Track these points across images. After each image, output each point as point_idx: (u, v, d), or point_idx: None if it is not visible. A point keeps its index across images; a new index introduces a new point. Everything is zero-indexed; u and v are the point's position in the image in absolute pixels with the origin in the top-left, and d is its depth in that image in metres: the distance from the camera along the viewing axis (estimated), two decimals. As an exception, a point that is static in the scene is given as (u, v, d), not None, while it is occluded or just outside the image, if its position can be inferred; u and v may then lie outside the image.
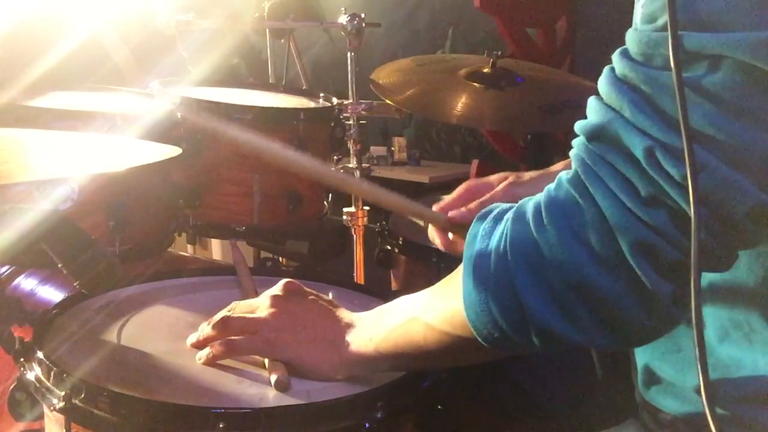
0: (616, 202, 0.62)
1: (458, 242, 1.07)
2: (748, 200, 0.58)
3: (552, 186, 0.68)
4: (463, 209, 1.04)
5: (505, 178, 1.10)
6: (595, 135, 0.63)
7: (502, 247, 0.69)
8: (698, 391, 0.76)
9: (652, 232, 0.61)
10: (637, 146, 0.60)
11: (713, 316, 0.75)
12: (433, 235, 1.11)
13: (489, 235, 0.71)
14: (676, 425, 0.81)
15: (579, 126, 0.66)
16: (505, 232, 0.69)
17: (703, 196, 0.58)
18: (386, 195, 1.03)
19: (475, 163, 3.55)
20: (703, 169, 0.57)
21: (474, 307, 0.71)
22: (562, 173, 0.68)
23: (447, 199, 1.10)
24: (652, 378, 0.83)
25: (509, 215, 0.70)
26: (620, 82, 0.62)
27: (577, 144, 0.66)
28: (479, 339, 0.72)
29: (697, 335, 0.58)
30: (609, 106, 0.62)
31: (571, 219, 0.64)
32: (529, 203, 0.69)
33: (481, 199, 1.05)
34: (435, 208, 1.08)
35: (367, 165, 1.78)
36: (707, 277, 0.73)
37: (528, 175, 1.11)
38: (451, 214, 1.05)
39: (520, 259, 0.67)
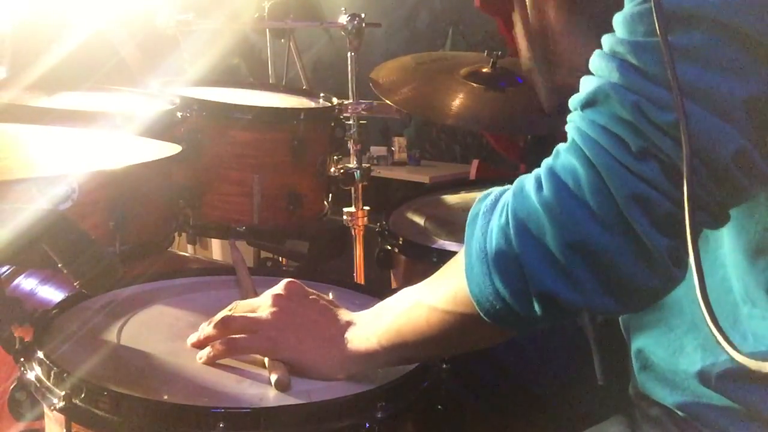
0: (610, 159, 0.65)
1: None
2: (731, 144, 0.62)
3: (549, 158, 0.71)
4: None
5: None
6: (587, 103, 0.67)
7: (504, 218, 0.71)
8: (691, 375, 0.77)
9: (645, 184, 0.64)
10: (626, 103, 0.64)
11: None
12: None
13: (490, 212, 0.74)
14: (664, 417, 0.82)
15: (573, 100, 0.70)
16: (505, 205, 0.72)
17: (688, 143, 0.61)
18: None
19: (475, 163, 3.55)
20: (687, 117, 0.61)
21: (476, 280, 0.73)
22: (560, 145, 0.70)
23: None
24: (645, 364, 0.84)
25: (509, 192, 0.73)
26: (608, 55, 0.66)
27: (572, 117, 0.70)
28: (482, 314, 0.74)
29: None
30: (599, 76, 0.67)
31: (569, 181, 0.67)
32: (528, 177, 0.72)
33: None
34: None
35: (367, 165, 1.78)
36: (715, 255, 0.75)
37: None
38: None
39: (521, 225, 0.69)
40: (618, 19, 0.67)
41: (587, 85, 0.68)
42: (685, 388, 0.79)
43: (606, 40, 0.67)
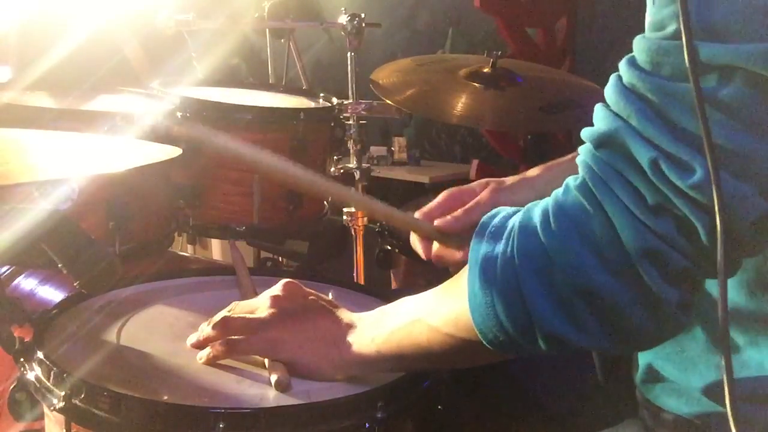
0: (624, 210, 0.62)
1: (442, 251, 1.03)
2: (753, 211, 0.59)
3: (560, 191, 0.68)
4: (449, 217, 1.00)
5: (486, 185, 1.07)
6: (602, 143, 0.64)
7: (509, 251, 0.69)
8: (704, 391, 0.77)
9: (660, 239, 0.61)
10: (643, 156, 0.60)
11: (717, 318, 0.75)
12: (416, 243, 1.07)
13: (495, 239, 0.71)
14: (679, 424, 0.81)
15: (586, 133, 0.66)
16: (512, 236, 0.69)
17: (706, 206, 0.59)
18: (375, 205, 1.01)
19: (475, 163, 3.55)
20: (707, 179, 0.58)
21: (480, 311, 0.71)
22: (570, 179, 0.68)
23: (429, 206, 1.05)
24: (656, 377, 0.83)
25: (515, 220, 0.71)
26: (628, 91, 0.62)
27: (584, 151, 0.66)
28: (484, 342, 0.72)
29: (724, 346, 0.60)
30: (616, 115, 0.63)
31: (579, 225, 0.65)
32: (536, 208, 0.69)
33: (467, 206, 1.01)
34: (417, 214, 1.04)
35: (367, 165, 1.78)
36: (713, 281, 0.73)
37: (509, 180, 1.08)
38: (437, 222, 1.01)
39: (527, 264, 0.67)
40: (640, 46, 0.62)
41: (602, 120, 0.64)
42: (699, 400, 0.78)
43: (624, 68, 0.63)
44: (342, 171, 1.73)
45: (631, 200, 0.62)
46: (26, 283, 1.39)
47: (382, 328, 0.85)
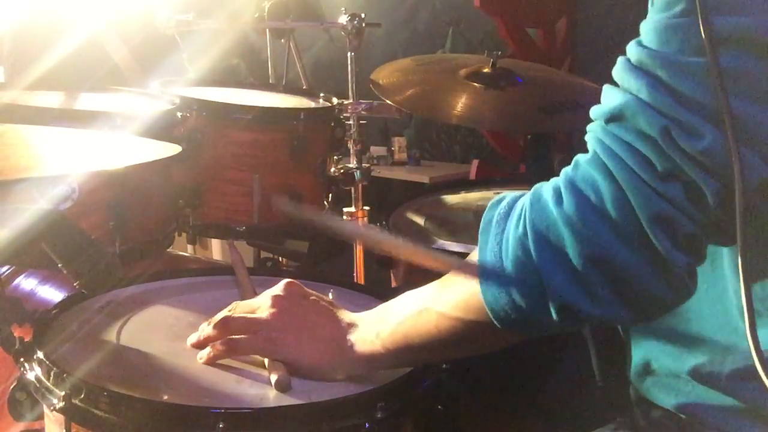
0: (635, 177, 0.64)
1: None
2: (756, 176, 0.61)
3: (569, 168, 0.70)
4: None
5: None
6: (612, 117, 0.66)
7: (521, 227, 0.70)
8: (696, 375, 0.77)
9: (669, 205, 0.64)
10: (654, 125, 0.63)
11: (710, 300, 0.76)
12: None
13: (505, 219, 0.73)
14: (667, 420, 0.81)
15: (595, 110, 0.68)
16: (523, 213, 0.71)
17: (714, 171, 0.61)
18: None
19: (475, 163, 3.55)
20: (716, 144, 0.60)
21: (491, 290, 0.73)
22: (579, 156, 0.70)
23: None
24: (648, 370, 0.84)
25: (525, 199, 0.73)
26: (636, 68, 0.65)
27: (594, 127, 0.69)
28: (495, 321, 0.74)
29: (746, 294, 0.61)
30: (626, 91, 0.65)
31: (591, 195, 0.66)
32: (545, 186, 0.71)
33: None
34: None
35: (367, 165, 1.77)
36: (711, 258, 0.75)
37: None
38: None
39: (540, 237, 0.69)
40: (647, 27, 0.65)
41: (612, 97, 0.66)
42: (688, 391, 0.79)
43: (632, 48, 0.66)
44: (342, 171, 1.73)
45: (642, 168, 0.64)
46: (26, 283, 1.39)
47: (386, 324, 0.85)
